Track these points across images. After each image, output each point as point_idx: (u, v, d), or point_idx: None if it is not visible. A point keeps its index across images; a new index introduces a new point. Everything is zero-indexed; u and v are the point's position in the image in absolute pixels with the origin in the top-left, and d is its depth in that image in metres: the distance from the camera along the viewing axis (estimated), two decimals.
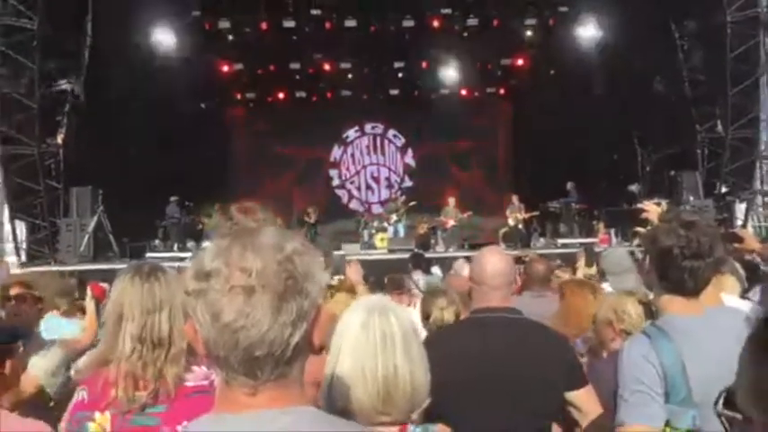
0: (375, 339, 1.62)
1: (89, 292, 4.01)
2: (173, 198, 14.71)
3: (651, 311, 2.71)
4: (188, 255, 13.66)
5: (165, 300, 1.87)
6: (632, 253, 6.01)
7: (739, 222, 13.99)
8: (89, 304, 3.92)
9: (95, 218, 12.87)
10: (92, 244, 12.81)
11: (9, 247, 13.53)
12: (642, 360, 1.85)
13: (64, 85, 13.64)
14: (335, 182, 21.20)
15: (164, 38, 16.00)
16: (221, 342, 0.97)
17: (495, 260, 2.45)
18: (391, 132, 21.51)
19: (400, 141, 21.49)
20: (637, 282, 3.87)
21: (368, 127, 21.44)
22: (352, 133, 21.44)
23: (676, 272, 1.91)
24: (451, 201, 15.41)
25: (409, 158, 21.40)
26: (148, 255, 12.90)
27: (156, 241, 14.86)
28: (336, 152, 21.37)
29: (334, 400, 1.59)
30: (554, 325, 2.82)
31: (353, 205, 20.57)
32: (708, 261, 1.90)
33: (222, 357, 0.98)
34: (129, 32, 14.28)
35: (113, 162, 13.77)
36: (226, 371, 0.99)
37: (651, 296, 2.45)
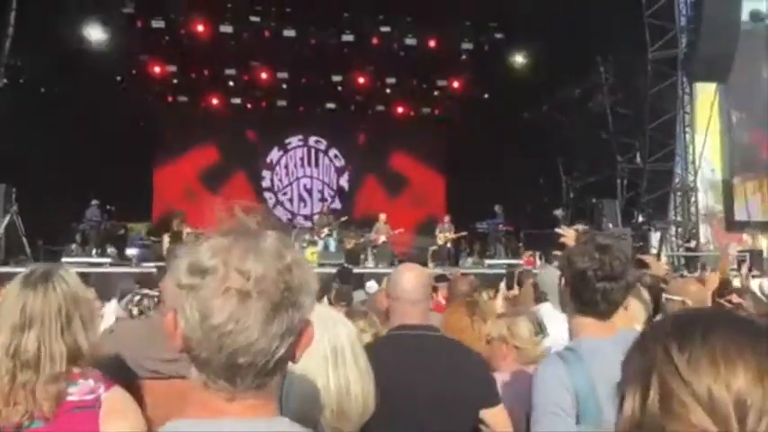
0: (326, 353, 1.55)
1: None
2: (94, 201, 14.10)
3: (541, 328, 2.82)
4: (106, 260, 13.12)
5: (38, 315, 1.73)
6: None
7: (654, 251, 14.70)
8: None
9: (7, 217, 12.16)
10: (3, 245, 12.10)
11: None
12: (556, 382, 1.88)
13: None
14: (266, 183, 20.93)
15: (92, 32, 15.43)
16: (206, 343, 0.92)
17: (410, 275, 2.45)
18: (325, 145, 21.50)
19: (334, 154, 21.50)
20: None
21: (294, 140, 21.32)
22: (294, 141, 21.27)
23: (589, 293, 1.95)
24: (382, 217, 15.48)
25: (342, 172, 21.43)
26: (64, 259, 12.25)
27: (74, 245, 14.17)
28: (274, 155, 21.12)
29: (286, 415, 1.54)
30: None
31: (278, 212, 20.37)
32: (620, 283, 1.95)
33: (203, 359, 0.93)
34: (55, 24, 13.66)
35: (30, 159, 13.10)
36: (205, 373, 0.95)
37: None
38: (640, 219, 14.96)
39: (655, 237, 15.01)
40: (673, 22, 13.82)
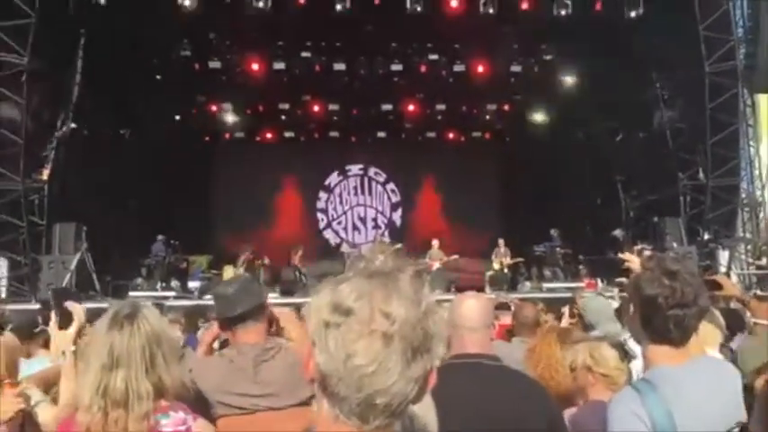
0: None
1: (52, 317, 3.94)
2: (160, 236, 14.61)
3: (625, 353, 2.71)
4: (171, 294, 13.51)
5: (125, 356, 1.82)
6: (612, 298, 6.04)
7: (723, 269, 14.10)
8: (53, 329, 3.85)
9: (78, 255, 12.70)
10: (73, 281, 12.61)
11: None
12: (631, 416, 1.83)
13: (62, 129, 13.63)
14: (320, 205, 21.20)
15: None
16: (347, 381, 0.95)
17: (471, 303, 2.44)
18: (378, 173, 21.68)
19: (387, 183, 21.65)
20: (619, 329, 3.89)
21: (355, 168, 21.63)
22: (334, 178, 21.55)
23: (661, 321, 1.90)
24: (435, 243, 15.42)
25: (397, 208, 21.54)
26: (131, 293, 12.70)
27: (139, 279, 14.67)
28: (323, 196, 21.47)
29: None
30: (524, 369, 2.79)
31: (344, 248, 20.60)
32: (693, 310, 1.89)
33: (341, 395, 0.96)
34: (117, 65, 14.35)
35: (98, 198, 13.70)
36: (339, 408, 0.97)
37: (630, 341, 2.45)
38: (706, 236, 14.41)
39: (723, 255, 14.41)
40: (729, 33, 13.42)
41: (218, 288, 2.60)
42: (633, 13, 13.96)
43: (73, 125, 14.06)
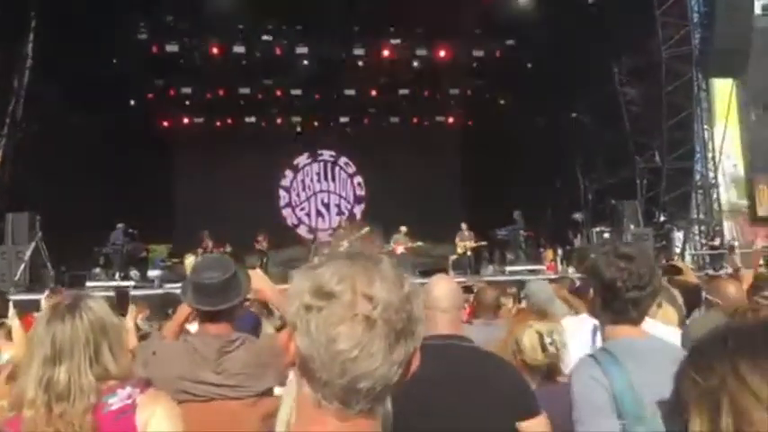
0: None
1: (11, 309, 3.86)
2: (119, 225, 14.26)
3: (543, 337, 2.78)
4: (130, 283, 13.25)
5: (67, 347, 1.77)
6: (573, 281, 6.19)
7: (677, 250, 14.53)
8: (13, 321, 3.76)
9: (32, 245, 12.33)
10: (28, 272, 12.26)
11: None
12: (593, 382, 1.91)
13: (12, 114, 13.15)
14: (283, 202, 21.10)
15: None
16: (329, 366, 0.93)
17: (441, 284, 2.47)
18: (342, 160, 21.62)
19: (351, 169, 21.60)
20: (563, 308, 4.00)
21: (326, 154, 21.55)
22: (303, 159, 21.45)
23: (620, 303, 2.00)
24: (403, 228, 15.47)
25: (359, 185, 21.50)
26: (88, 284, 12.40)
27: (97, 269, 14.33)
28: (288, 176, 21.33)
29: None
30: (499, 352, 2.83)
31: (298, 230, 20.49)
32: (648, 290, 2.00)
33: (323, 380, 0.94)
34: (71, 54, 13.89)
35: (53, 187, 13.30)
36: (321, 393, 0.96)
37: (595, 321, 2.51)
38: (662, 218, 14.80)
39: (678, 236, 14.85)
40: (685, 18, 13.72)
41: (198, 275, 2.47)
42: None
43: (25, 111, 13.58)
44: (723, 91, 15.80)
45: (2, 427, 1.78)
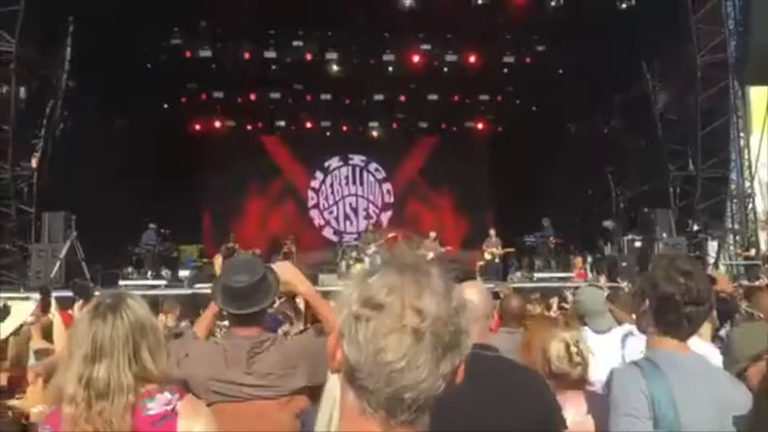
0: None
1: (53, 304, 3.93)
2: (151, 225, 14.52)
3: (569, 346, 2.76)
4: (161, 282, 13.46)
5: (107, 346, 1.80)
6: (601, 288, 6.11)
7: (711, 260, 14.23)
8: (55, 317, 3.83)
9: (67, 244, 12.62)
10: (63, 270, 12.54)
11: None
12: (634, 385, 1.94)
13: (44, 108, 13.50)
14: (311, 203, 21.21)
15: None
16: (376, 376, 0.95)
17: (471, 292, 2.42)
18: (372, 165, 21.67)
19: (380, 174, 21.64)
20: (611, 322, 3.94)
21: (357, 159, 21.65)
22: (334, 162, 21.56)
23: (675, 317, 2.02)
24: (432, 234, 15.47)
25: (388, 192, 21.53)
26: (122, 282, 12.65)
27: (130, 268, 14.61)
28: (318, 177, 21.44)
29: None
30: (518, 358, 2.81)
31: (326, 233, 20.57)
32: (704, 307, 2.03)
33: (369, 389, 0.96)
34: (107, 53, 14.20)
35: (88, 187, 13.60)
36: (366, 401, 0.97)
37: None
38: (695, 227, 14.51)
39: (712, 246, 14.53)
40: (721, 25, 13.46)
41: (228, 278, 2.48)
42: (624, 5, 13.98)
43: (63, 113, 13.93)
44: (759, 99, 15.43)
45: (43, 422, 1.84)
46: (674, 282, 2.01)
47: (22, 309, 2.48)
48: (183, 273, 15.10)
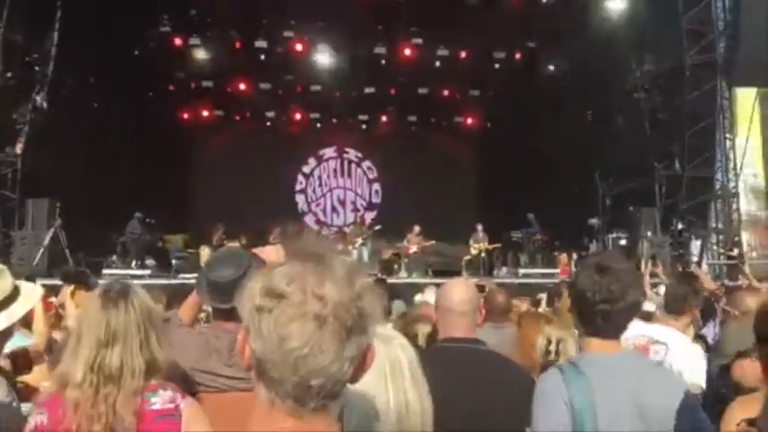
0: (383, 369, 1.56)
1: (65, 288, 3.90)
2: (137, 214, 14.40)
3: (550, 343, 2.84)
4: (146, 272, 13.38)
5: (121, 331, 1.83)
6: None
7: (695, 259, 14.38)
8: (36, 307, 3.80)
9: (51, 231, 12.51)
10: (46, 258, 12.44)
11: None
12: (555, 396, 1.92)
13: (29, 93, 13.35)
14: (299, 187, 21.23)
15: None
16: (282, 365, 0.95)
17: (460, 288, 2.48)
18: (365, 163, 21.65)
19: (372, 174, 21.64)
20: None
21: (329, 151, 21.61)
22: (329, 152, 21.55)
23: (590, 314, 2.00)
24: (416, 228, 15.46)
25: (376, 193, 21.54)
26: (105, 271, 12.54)
27: (114, 257, 14.50)
28: (311, 163, 21.36)
29: None
30: (511, 356, 2.84)
31: (307, 220, 20.59)
32: (619, 305, 1.97)
33: (276, 379, 0.97)
34: (94, 40, 14.05)
35: (73, 174, 13.47)
36: (274, 391, 0.98)
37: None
38: (680, 226, 14.65)
39: (695, 245, 14.68)
40: (710, 26, 13.56)
41: (212, 272, 2.47)
42: (616, 4, 14.03)
43: (48, 99, 13.77)
44: (746, 100, 15.60)
45: (39, 405, 1.83)
46: (589, 278, 1.99)
47: (33, 290, 2.47)
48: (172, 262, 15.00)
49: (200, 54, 16.81)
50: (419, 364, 1.65)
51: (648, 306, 4.73)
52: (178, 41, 16.45)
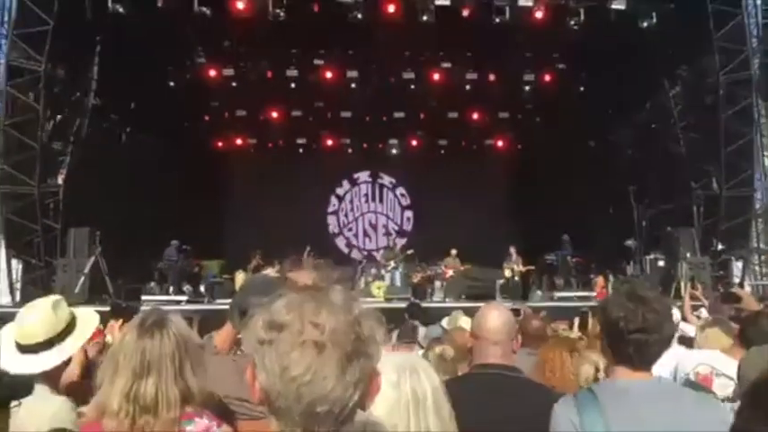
0: (407, 400, 1.56)
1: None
2: (173, 241, 14.70)
3: (598, 371, 2.75)
4: (183, 298, 13.59)
5: (155, 361, 1.84)
6: None
7: (736, 280, 13.99)
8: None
9: (92, 259, 12.81)
10: (87, 285, 12.72)
11: (3, 285, 13.43)
12: (566, 421, 1.89)
13: (70, 125, 13.83)
14: (331, 209, 21.37)
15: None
16: (285, 394, 0.98)
17: (493, 315, 2.46)
18: (398, 189, 21.76)
19: (405, 200, 21.70)
20: None
21: (363, 176, 21.75)
22: (363, 176, 21.70)
23: (622, 344, 1.95)
24: (453, 251, 15.46)
25: (408, 220, 21.57)
26: (144, 298, 12.78)
27: (152, 284, 14.78)
28: (345, 186, 21.57)
29: None
30: (533, 375, 2.81)
31: (354, 254, 20.58)
32: (654, 336, 1.92)
33: (283, 409, 0.99)
34: (133, 72, 14.50)
35: (112, 203, 13.82)
36: (284, 422, 1.00)
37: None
38: (719, 247, 14.29)
39: (737, 266, 14.30)
40: (743, 43, 13.36)
41: (245, 299, 2.49)
42: (646, 23, 13.94)
43: (89, 130, 14.23)
44: None
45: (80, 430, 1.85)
46: (623, 307, 1.94)
47: (89, 322, 2.50)
48: (202, 287, 15.19)
49: (234, 84, 17.18)
50: (445, 392, 1.65)
51: (689, 330, 4.63)
52: (213, 72, 16.85)
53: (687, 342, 4.26)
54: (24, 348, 2.25)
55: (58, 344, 2.25)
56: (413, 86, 17.52)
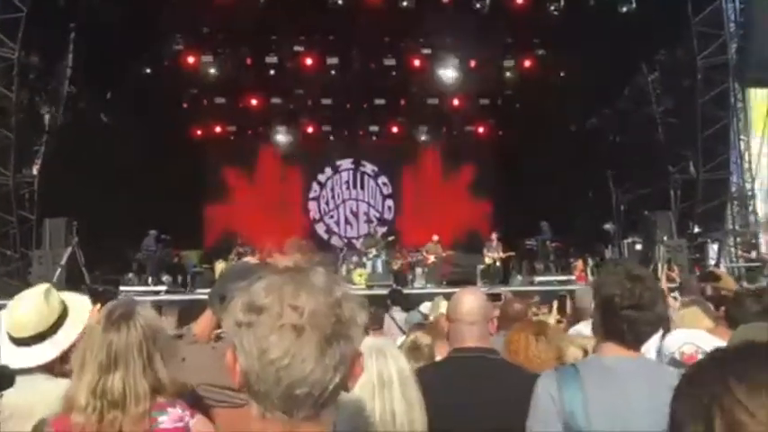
0: (372, 382, 1.57)
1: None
2: (151, 231, 14.53)
3: (587, 353, 2.77)
4: (162, 288, 13.47)
5: (122, 355, 1.80)
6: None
7: (712, 262, 14.22)
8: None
9: (69, 250, 12.62)
10: (64, 276, 12.54)
11: None
12: (546, 395, 1.93)
13: (45, 114, 13.55)
14: (312, 195, 21.24)
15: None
16: (264, 377, 0.97)
17: (468, 298, 2.48)
18: (381, 178, 21.70)
19: (387, 189, 21.66)
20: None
21: (346, 163, 21.66)
22: (345, 164, 21.59)
23: (615, 320, 1.98)
24: (435, 238, 15.50)
25: (389, 209, 21.55)
26: (122, 288, 12.64)
27: (130, 274, 14.62)
28: (327, 173, 21.43)
29: None
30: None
31: (335, 242, 20.55)
32: (647, 314, 1.96)
33: (262, 392, 0.98)
34: (108, 60, 14.26)
35: (89, 193, 13.62)
36: (263, 405, 0.99)
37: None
38: (696, 230, 14.50)
39: (712, 248, 14.52)
40: (721, 28, 13.48)
41: (225, 286, 2.44)
42: (625, 8, 14.00)
43: (64, 119, 13.98)
44: (760, 100, 15.46)
45: (49, 424, 1.81)
46: (620, 285, 1.98)
47: (82, 306, 2.44)
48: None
49: (213, 71, 16.97)
50: (414, 377, 1.64)
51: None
52: (191, 59, 16.62)
53: (665, 323, 4.32)
54: (18, 341, 2.20)
55: (51, 336, 2.21)
56: (393, 73, 17.44)
